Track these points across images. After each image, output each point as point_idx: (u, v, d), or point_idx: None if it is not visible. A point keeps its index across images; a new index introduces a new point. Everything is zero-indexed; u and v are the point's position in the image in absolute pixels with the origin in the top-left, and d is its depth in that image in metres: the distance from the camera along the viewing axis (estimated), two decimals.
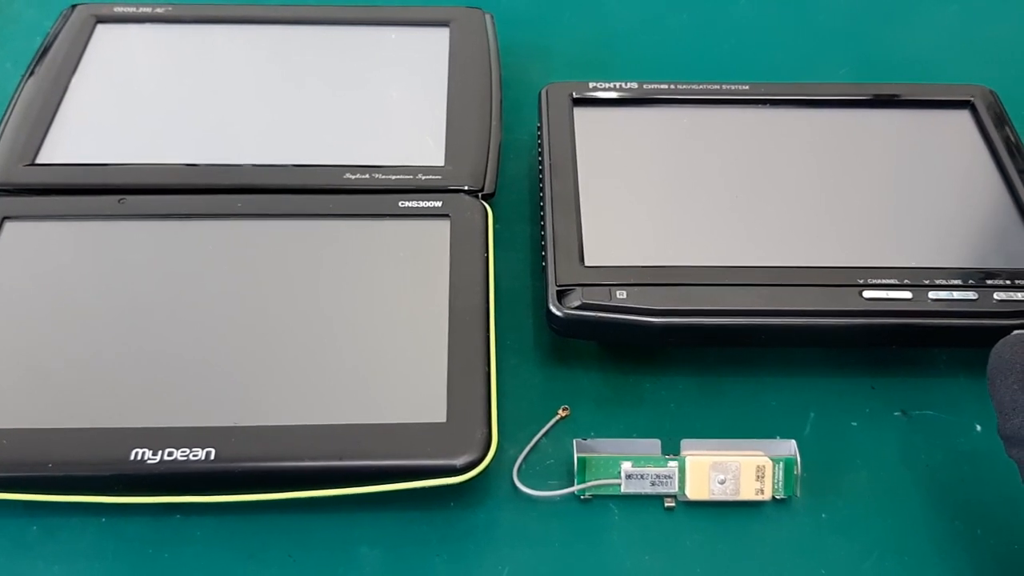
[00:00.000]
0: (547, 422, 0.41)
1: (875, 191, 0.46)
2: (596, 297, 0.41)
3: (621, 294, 0.41)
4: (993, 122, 0.49)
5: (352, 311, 0.41)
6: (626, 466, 0.38)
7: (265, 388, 0.38)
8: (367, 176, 0.46)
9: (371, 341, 0.40)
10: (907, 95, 0.51)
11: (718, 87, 0.50)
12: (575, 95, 0.50)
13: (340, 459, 0.36)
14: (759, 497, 0.38)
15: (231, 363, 0.39)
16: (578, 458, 0.38)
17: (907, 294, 0.41)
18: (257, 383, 0.38)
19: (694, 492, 0.38)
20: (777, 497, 0.38)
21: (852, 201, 0.45)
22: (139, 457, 0.35)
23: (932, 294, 0.41)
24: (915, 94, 0.51)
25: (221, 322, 0.40)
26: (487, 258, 0.43)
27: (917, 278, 0.41)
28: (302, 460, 0.36)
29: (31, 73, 0.50)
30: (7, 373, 0.38)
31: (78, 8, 0.54)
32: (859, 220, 0.44)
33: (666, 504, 0.38)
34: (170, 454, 0.35)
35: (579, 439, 0.39)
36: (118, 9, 0.54)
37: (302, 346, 0.39)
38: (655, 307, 0.40)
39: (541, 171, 0.46)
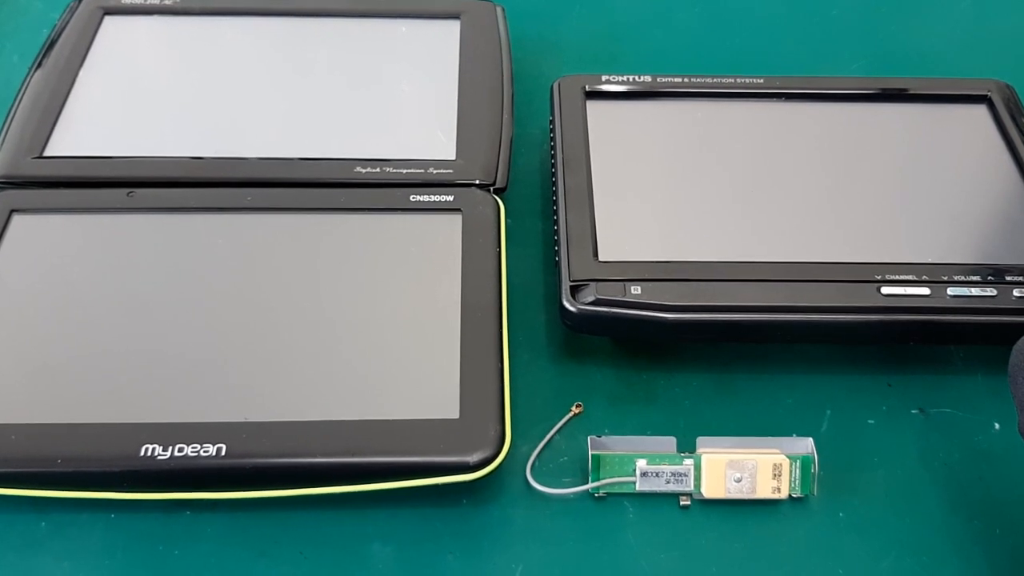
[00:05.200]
0: (560, 419, 0.40)
1: (892, 186, 0.45)
2: (610, 292, 0.40)
3: (635, 289, 0.40)
4: (1010, 117, 0.48)
5: (363, 306, 0.40)
6: (641, 464, 0.37)
7: (276, 384, 0.38)
8: (378, 170, 0.45)
9: (383, 336, 0.39)
10: (923, 89, 0.50)
11: (732, 80, 0.50)
12: (588, 88, 0.49)
13: (352, 455, 0.35)
14: (776, 496, 0.37)
15: (242, 358, 0.38)
16: (592, 455, 0.38)
17: (925, 290, 0.40)
18: (268, 379, 0.38)
19: (710, 490, 0.37)
20: (794, 496, 0.38)
21: (869, 196, 0.45)
22: (149, 453, 0.35)
23: (951, 291, 0.40)
24: (931, 88, 0.50)
25: (231, 317, 0.40)
26: (499, 253, 0.42)
27: (935, 274, 0.41)
28: (313, 456, 0.35)
29: (38, 65, 0.50)
30: (15, 368, 0.38)
31: (85, 0, 0.54)
32: (876, 215, 0.44)
33: (681, 502, 0.38)
34: (180, 450, 0.35)
35: (593, 436, 0.38)
36: (125, 1, 0.54)
37: (313, 341, 0.39)
38: (670, 303, 0.40)
39: (554, 165, 0.46)
